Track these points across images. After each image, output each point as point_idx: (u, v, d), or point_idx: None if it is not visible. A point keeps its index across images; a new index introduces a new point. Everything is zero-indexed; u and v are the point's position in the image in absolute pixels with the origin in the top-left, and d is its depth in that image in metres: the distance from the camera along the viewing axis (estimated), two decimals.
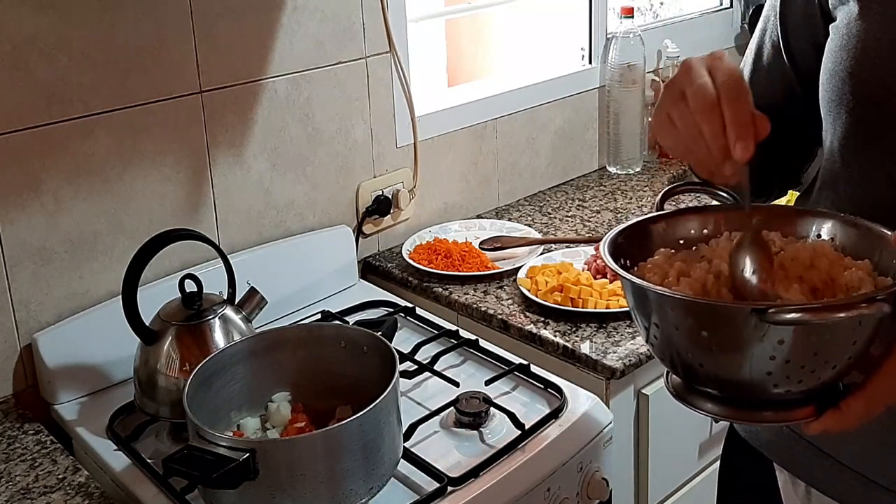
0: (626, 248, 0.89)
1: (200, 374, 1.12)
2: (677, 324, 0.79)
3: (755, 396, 0.80)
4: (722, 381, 0.80)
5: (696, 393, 0.84)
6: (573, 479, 1.25)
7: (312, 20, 1.61)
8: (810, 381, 0.77)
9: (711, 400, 0.83)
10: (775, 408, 0.81)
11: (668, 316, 0.80)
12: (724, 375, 0.79)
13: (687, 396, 0.85)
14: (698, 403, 0.84)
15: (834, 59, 0.92)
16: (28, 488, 1.15)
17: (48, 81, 1.32)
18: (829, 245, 0.86)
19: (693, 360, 0.80)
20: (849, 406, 0.79)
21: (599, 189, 2.12)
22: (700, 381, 0.83)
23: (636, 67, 2.13)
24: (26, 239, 1.35)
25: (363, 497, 1.06)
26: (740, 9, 2.55)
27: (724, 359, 0.78)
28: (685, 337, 0.79)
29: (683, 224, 0.94)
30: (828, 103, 0.93)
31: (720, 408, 0.83)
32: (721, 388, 0.82)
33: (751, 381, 0.78)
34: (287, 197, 1.64)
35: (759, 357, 0.75)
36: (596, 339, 1.45)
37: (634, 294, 0.83)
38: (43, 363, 1.33)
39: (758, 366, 0.76)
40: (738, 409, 0.83)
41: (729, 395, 0.82)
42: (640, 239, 0.92)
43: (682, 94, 0.81)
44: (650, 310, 0.81)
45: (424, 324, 1.54)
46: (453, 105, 1.90)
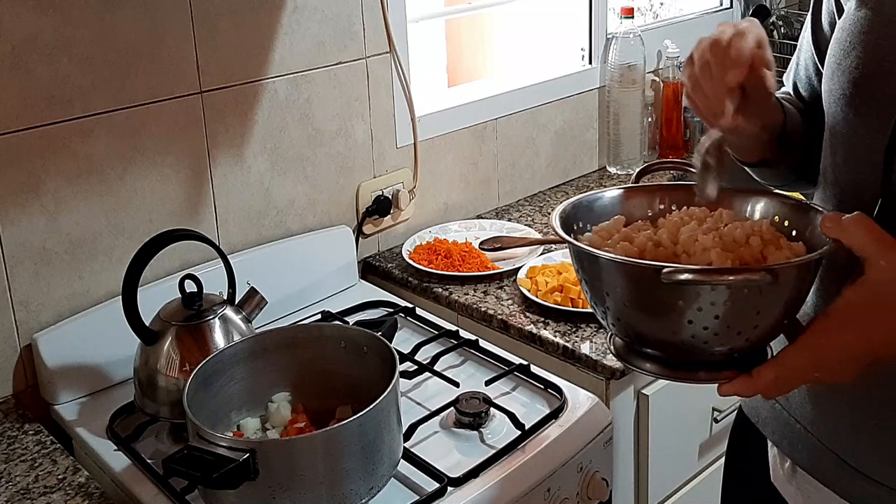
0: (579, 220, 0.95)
1: (200, 374, 1.13)
2: (606, 282, 0.84)
3: (691, 357, 0.84)
4: (658, 341, 0.85)
5: (637, 354, 0.88)
6: (573, 480, 1.25)
7: (312, 20, 1.61)
8: (734, 342, 0.82)
9: (651, 360, 0.88)
10: (709, 368, 0.85)
11: (599, 275, 0.85)
12: (657, 336, 0.84)
13: (628, 357, 0.90)
14: (638, 364, 0.89)
15: (834, 54, 0.94)
16: (28, 488, 1.15)
17: (48, 81, 1.32)
18: (769, 224, 0.89)
19: (630, 321, 0.85)
20: (759, 374, 0.83)
21: None
22: (640, 343, 0.87)
23: (636, 68, 2.13)
24: (26, 239, 1.35)
25: (363, 497, 1.07)
26: (740, 9, 2.55)
27: (653, 320, 0.83)
28: (615, 295, 0.84)
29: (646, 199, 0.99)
30: (827, 93, 0.96)
31: (658, 367, 0.87)
32: (660, 349, 0.86)
33: (681, 342, 0.82)
34: (287, 197, 1.65)
35: (681, 319, 0.80)
36: (596, 339, 1.45)
37: (573, 256, 0.89)
38: (43, 363, 1.33)
39: (681, 328, 0.81)
40: (675, 370, 0.87)
41: (668, 357, 0.87)
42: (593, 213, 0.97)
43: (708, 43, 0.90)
44: (586, 270, 0.86)
45: (424, 324, 1.54)
46: (453, 105, 1.90)
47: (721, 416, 1.58)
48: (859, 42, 0.90)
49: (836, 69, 0.92)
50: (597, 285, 0.86)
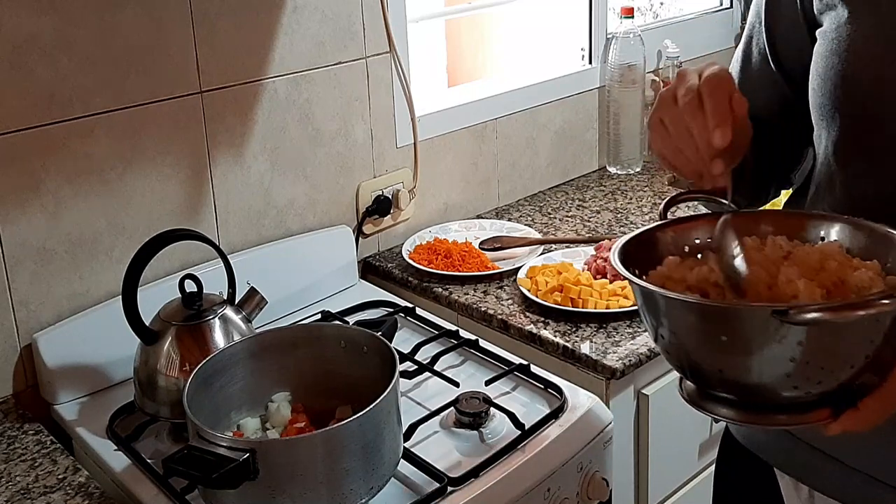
0: (634, 256, 0.89)
1: (200, 374, 1.12)
2: (693, 329, 0.79)
3: (770, 399, 0.80)
4: (738, 385, 0.80)
5: (711, 398, 0.84)
6: (573, 480, 1.25)
7: (312, 20, 1.61)
8: (829, 381, 0.77)
9: (726, 404, 0.83)
10: (790, 411, 0.81)
11: (683, 321, 0.79)
12: (742, 379, 0.79)
13: (701, 402, 0.85)
14: (713, 408, 0.83)
15: (825, 63, 0.92)
16: (28, 488, 1.15)
17: (48, 81, 1.32)
18: (838, 247, 0.86)
19: (710, 365, 0.80)
20: (867, 406, 0.79)
21: (599, 189, 2.12)
22: (715, 386, 0.82)
23: (636, 67, 2.13)
24: (26, 239, 1.35)
25: (363, 497, 1.06)
26: (740, 9, 2.55)
27: (743, 362, 0.77)
28: (702, 342, 0.79)
29: (690, 232, 0.93)
30: (820, 108, 0.93)
31: (735, 412, 0.82)
32: (737, 393, 0.82)
33: (768, 383, 0.78)
34: (287, 197, 1.65)
35: (779, 359, 0.75)
36: (596, 339, 1.45)
37: (647, 301, 0.83)
38: (43, 363, 1.33)
39: (777, 368, 0.76)
40: (753, 413, 0.82)
41: (744, 400, 0.82)
42: (647, 247, 0.92)
43: (673, 99, 0.85)
44: (663, 316, 0.81)
45: (424, 324, 1.54)
46: (453, 105, 1.90)
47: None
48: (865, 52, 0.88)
49: (839, 82, 0.90)
50: (674, 331, 0.81)
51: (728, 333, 0.77)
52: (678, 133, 0.85)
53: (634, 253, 0.89)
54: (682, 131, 0.84)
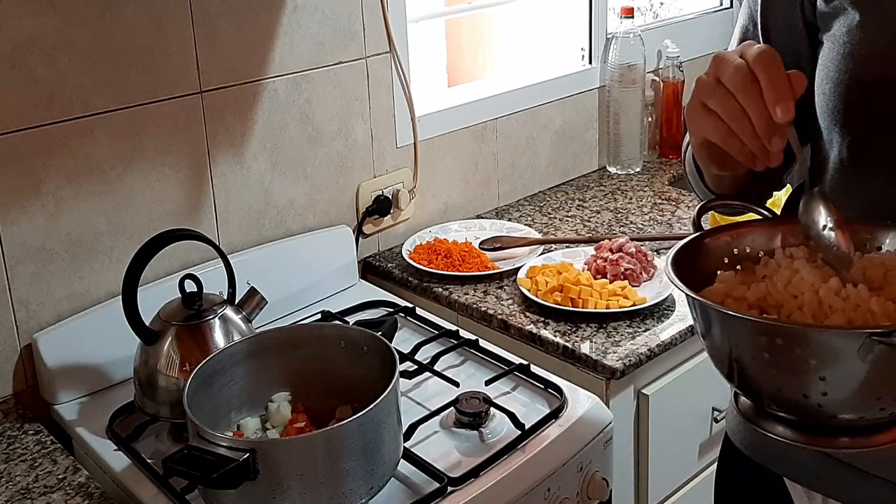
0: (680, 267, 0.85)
1: (200, 374, 1.12)
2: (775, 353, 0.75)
3: (835, 422, 0.77)
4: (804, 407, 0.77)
5: (768, 416, 0.82)
6: (573, 479, 1.25)
7: (312, 20, 1.61)
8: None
9: (785, 424, 0.81)
10: (853, 433, 0.78)
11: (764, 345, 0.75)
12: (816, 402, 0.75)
13: (758, 420, 0.83)
14: (770, 428, 0.81)
15: (837, 68, 0.90)
16: (28, 488, 1.15)
17: (48, 81, 1.32)
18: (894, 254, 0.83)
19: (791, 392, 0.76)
20: None
21: (599, 189, 2.12)
22: (776, 406, 0.80)
23: (636, 67, 2.13)
24: (26, 239, 1.35)
25: (363, 497, 1.07)
26: (740, 9, 2.55)
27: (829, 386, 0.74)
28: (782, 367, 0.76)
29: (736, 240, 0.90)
30: (832, 113, 0.92)
31: (794, 433, 0.80)
32: (798, 415, 0.79)
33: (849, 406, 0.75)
34: (287, 197, 1.65)
35: (873, 381, 0.73)
36: (596, 339, 1.45)
37: (716, 321, 0.80)
38: (43, 363, 1.33)
39: (867, 390, 0.74)
40: (813, 435, 0.80)
41: (806, 421, 0.79)
42: (690, 257, 0.88)
43: (716, 81, 0.81)
44: (737, 339, 0.78)
45: (424, 324, 1.54)
46: (453, 105, 1.90)
47: (721, 416, 1.58)
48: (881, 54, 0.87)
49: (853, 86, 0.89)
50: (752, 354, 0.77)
51: (818, 358, 0.73)
52: (730, 115, 0.80)
53: (679, 264, 0.86)
54: (735, 113, 0.80)
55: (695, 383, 1.54)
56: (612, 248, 1.65)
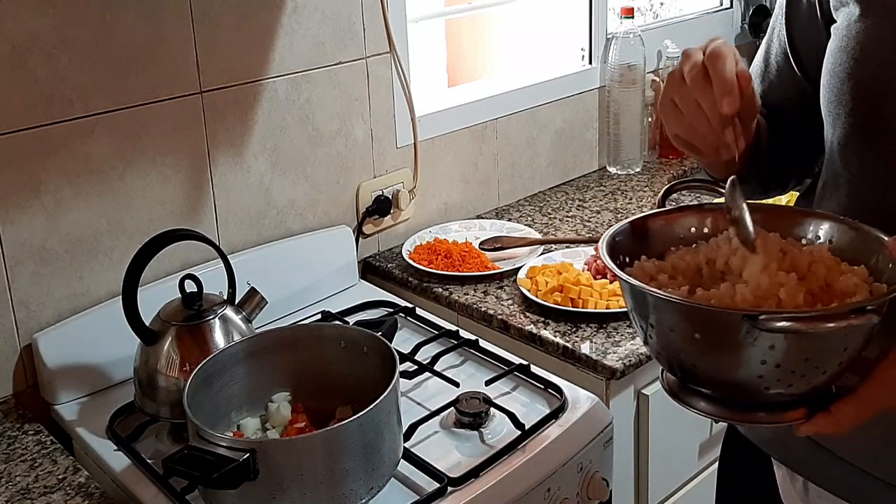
0: (624, 245, 0.90)
1: (200, 374, 1.12)
2: (671, 325, 0.80)
3: (749, 398, 0.81)
4: (715, 381, 0.81)
5: (691, 392, 0.85)
6: (573, 480, 1.25)
7: (312, 20, 1.61)
8: (801, 385, 0.78)
9: (706, 399, 0.84)
10: (768, 409, 0.82)
11: (662, 317, 0.81)
12: (718, 377, 0.81)
13: (682, 395, 0.86)
14: (692, 402, 0.85)
15: (834, 60, 0.92)
16: (28, 488, 1.15)
17: (48, 81, 1.32)
18: (827, 249, 0.86)
19: (687, 360, 0.81)
20: (839, 410, 0.80)
21: (599, 189, 2.12)
22: (695, 381, 0.84)
23: (636, 67, 2.13)
24: (26, 239, 1.35)
25: (363, 497, 1.06)
26: (740, 9, 2.55)
27: (717, 361, 0.79)
28: (679, 338, 0.80)
29: (682, 222, 0.94)
30: (827, 104, 0.94)
31: (714, 407, 0.84)
32: (715, 389, 0.83)
33: (743, 383, 0.78)
34: (287, 197, 1.65)
35: (751, 361, 0.76)
36: (596, 339, 1.45)
37: (631, 295, 0.84)
38: (43, 363, 1.33)
39: (749, 369, 0.77)
40: (731, 410, 0.84)
41: (723, 396, 0.83)
42: (638, 237, 0.93)
43: (681, 77, 0.86)
44: (646, 311, 0.82)
45: (424, 324, 1.54)
46: (453, 105, 1.90)
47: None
48: (872, 52, 0.88)
49: (845, 79, 0.90)
50: (655, 325, 0.82)
51: (701, 332, 0.78)
52: (689, 110, 0.86)
53: (625, 243, 0.90)
54: (692, 107, 0.86)
55: None
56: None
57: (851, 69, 0.89)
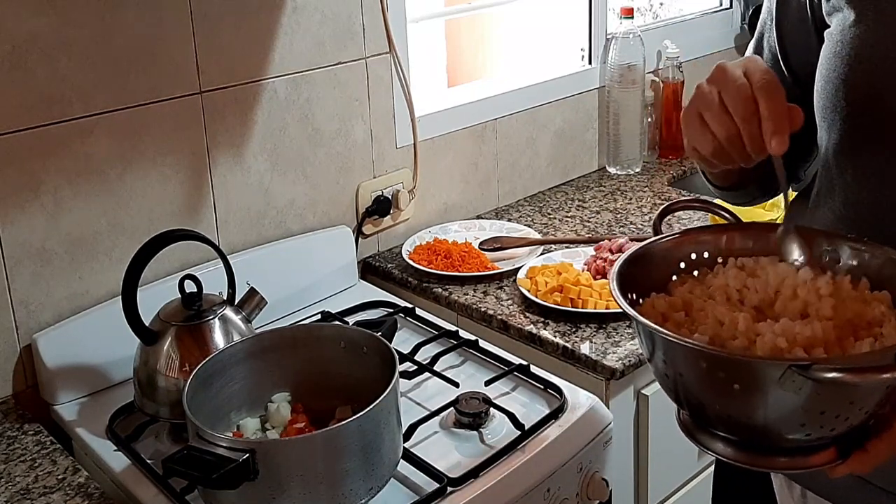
0: (631, 277, 0.87)
1: (200, 374, 1.12)
2: (703, 375, 0.77)
3: (773, 443, 0.79)
4: (742, 427, 0.78)
5: (708, 433, 0.83)
6: (573, 480, 1.25)
7: (312, 20, 1.61)
8: (841, 427, 0.76)
9: (724, 442, 0.82)
10: (791, 453, 0.79)
11: (694, 367, 0.77)
12: (749, 423, 0.77)
13: (698, 435, 0.84)
14: (709, 444, 0.83)
15: (828, 65, 0.91)
16: (28, 489, 1.15)
17: (48, 81, 1.32)
18: (849, 281, 0.84)
19: (720, 410, 0.78)
20: (877, 448, 0.78)
21: (599, 189, 2.12)
22: (715, 425, 0.81)
23: (636, 68, 2.13)
24: (26, 239, 1.35)
25: (363, 497, 1.06)
26: (740, 9, 2.55)
27: (755, 410, 0.76)
28: (711, 388, 0.77)
29: (682, 248, 0.92)
30: (822, 110, 0.93)
31: (732, 451, 0.81)
32: (739, 434, 0.80)
33: (776, 429, 0.76)
34: (287, 197, 1.64)
35: (794, 409, 0.74)
36: (596, 339, 1.45)
37: (654, 341, 0.81)
38: (43, 363, 1.33)
39: (790, 416, 0.75)
40: (751, 454, 0.81)
41: (745, 440, 0.81)
42: (640, 265, 0.90)
43: (717, 95, 0.82)
44: (671, 359, 0.80)
45: (424, 324, 1.54)
46: (453, 105, 1.90)
47: None
48: (866, 57, 0.88)
49: (840, 85, 0.90)
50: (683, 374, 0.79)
51: (742, 383, 0.75)
52: (725, 135, 0.82)
53: (630, 273, 0.87)
54: (729, 133, 0.82)
55: None
56: (612, 248, 1.65)
57: (846, 75, 0.89)
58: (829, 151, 0.94)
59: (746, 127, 0.80)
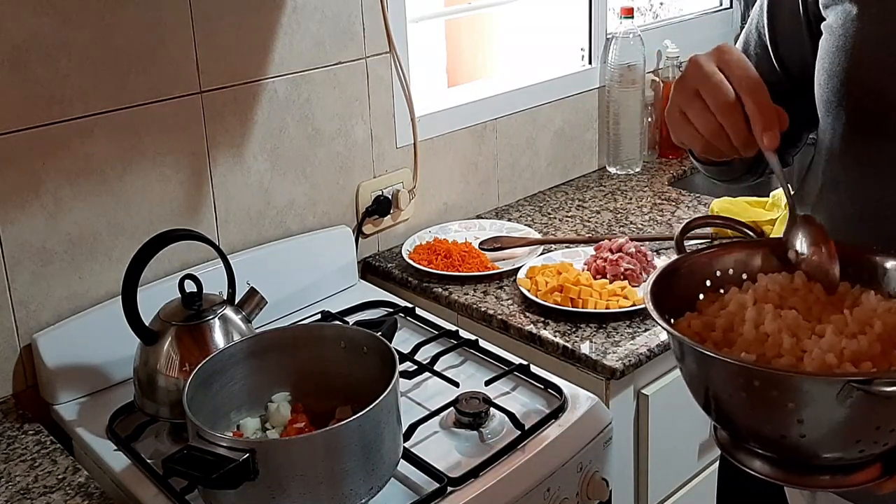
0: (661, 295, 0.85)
1: (200, 374, 1.12)
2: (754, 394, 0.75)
3: (815, 460, 0.77)
4: (791, 446, 0.76)
5: (746, 451, 0.82)
6: (573, 480, 1.25)
7: (312, 20, 1.61)
8: (894, 441, 0.75)
9: (763, 460, 0.80)
10: (833, 471, 0.78)
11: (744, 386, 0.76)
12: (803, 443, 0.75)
13: (736, 454, 0.83)
14: (748, 462, 0.81)
15: (831, 59, 0.91)
16: (28, 488, 1.15)
17: (48, 81, 1.32)
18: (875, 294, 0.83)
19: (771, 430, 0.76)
20: None
21: (599, 189, 2.12)
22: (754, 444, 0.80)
23: (636, 67, 2.13)
24: (26, 239, 1.35)
25: (363, 497, 1.07)
26: (740, 9, 2.55)
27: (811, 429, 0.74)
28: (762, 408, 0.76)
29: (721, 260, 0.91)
30: (826, 104, 0.93)
31: (772, 469, 0.80)
32: (784, 454, 0.79)
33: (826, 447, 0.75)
34: (287, 197, 1.65)
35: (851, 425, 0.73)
36: (596, 339, 1.45)
37: (697, 360, 0.80)
38: (43, 363, 1.33)
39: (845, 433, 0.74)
40: (794, 473, 0.80)
41: (785, 458, 0.79)
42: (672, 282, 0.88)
43: (695, 93, 0.82)
44: (716, 379, 0.78)
45: (424, 324, 1.54)
46: (453, 105, 1.90)
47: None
48: (872, 51, 0.88)
49: (845, 80, 0.90)
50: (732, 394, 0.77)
51: (796, 401, 0.73)
52: (709, 131, 0.82)
53: (659, 291, 0.85)
54: (713, 129, 0.82)
55: None
56: (612, 248, 1.65)
57: (851, 69, 0.89)
58: (835, 145, 0.94)
59: (729, 123, 0.81)
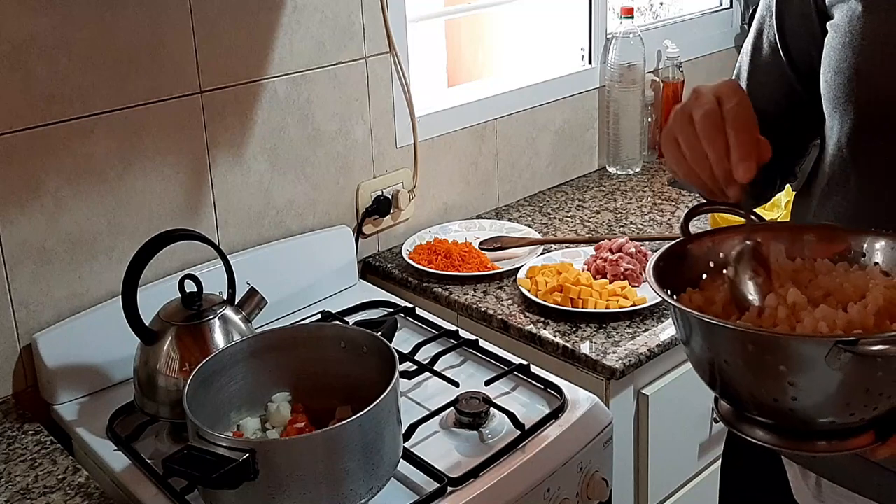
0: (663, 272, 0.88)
1: (200, 374, 1.12)
2: (749, 358, 0.77)
3: (812, 426, 0.79)
4: (786, 411, 0.78)
5: (748, 420, 0.83)
6: (573, 480, 1.25)
7: (312, 20, 1.61)
8: (884, 406, 0.76)
9: (764, 428, 0.82)
10: (829, 437, 0.80)
11: (740, 351, 0.78)
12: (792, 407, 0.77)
13: (737, 424, 0.84)
14: (750, 431, 0.83)
15: (838, 56, 0.91)
16: (28, 488, 1.15)
17: (48, 81, 1.32)
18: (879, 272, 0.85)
19: (765, 394, 0.78)
20: None
21: (599, 189, 2.12)
22: (754, 411, 0.82)
23: (636, 67, 2.13)
24: (26, 239, 1.35)
25: (363, 497, 1.07)
26: (740, 9, 2.55)
27: (802, 391, 0.76)
28: (757, 372, 0.77)
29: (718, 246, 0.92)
30: (833, 101, 0.93)
31: (773, 437, 0.82)
32: (779, 419, 0.80)
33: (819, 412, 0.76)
34: (287, 197, 1.65)
35: (841, 387, 0.74)
36: (596, 339, 1.45)
37: (694, 328, 0.82)
38: (43, 363, 1.33)
39: (836, 397, 0.75)
40: (792, 440, 0.82)
41: (785, 425, 0.81)
42: (675, 262, 0.90)
43: (689, 119, 0.84)
44: (714, 346, 0.80)
45: (424, 324, 1.54)
46: (453, 105, 1.90)
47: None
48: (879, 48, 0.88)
49: (852, 76, 0.90)
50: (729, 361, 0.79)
51: (788, 363, 0.75)
52: (694, 157, 0.85)
53: (663, 269, 0.88)
54: (698, 155, 0.84)
55: (695, 383, 1.53)
56: (612, 248, 1.65)
57: (858, 65, 0.89)
58: (843, 142, 0.94)
59: (711, 149, 0.83)
